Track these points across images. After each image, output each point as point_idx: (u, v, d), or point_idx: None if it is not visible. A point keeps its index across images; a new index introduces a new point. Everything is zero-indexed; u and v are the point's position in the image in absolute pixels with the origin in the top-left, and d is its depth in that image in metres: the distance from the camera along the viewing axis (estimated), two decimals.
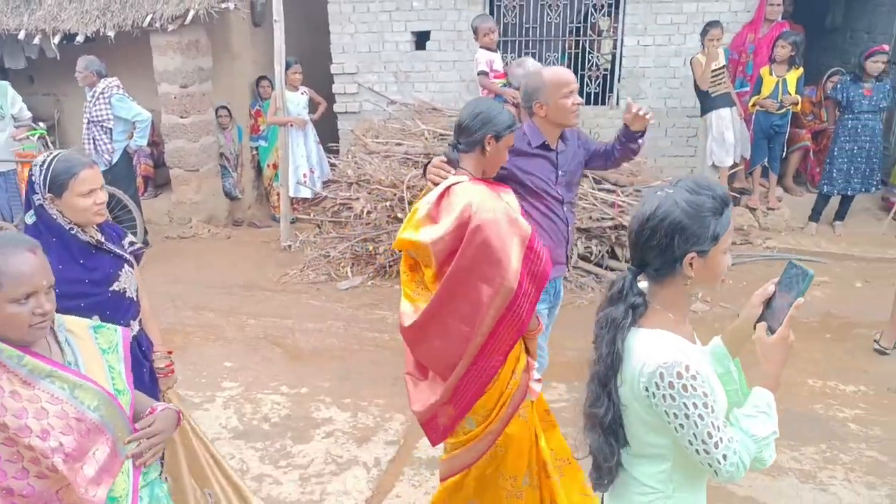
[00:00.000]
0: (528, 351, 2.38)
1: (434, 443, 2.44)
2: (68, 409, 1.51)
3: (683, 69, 6.39)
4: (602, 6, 6.68)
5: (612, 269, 5.20)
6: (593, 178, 5.33)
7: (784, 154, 6.25)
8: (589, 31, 6.82)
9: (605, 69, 6.92)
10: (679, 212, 1.43)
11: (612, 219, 5.02)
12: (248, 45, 7.18)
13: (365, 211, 5.41)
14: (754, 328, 1.52)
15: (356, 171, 5.65)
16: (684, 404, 1.39)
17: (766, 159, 6.03)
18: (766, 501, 2.91)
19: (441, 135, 6.12)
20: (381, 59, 7.03)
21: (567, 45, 7.04)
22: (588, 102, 6.97)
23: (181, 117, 6.57)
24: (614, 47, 6.76)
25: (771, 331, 1.48)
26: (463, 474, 2.37)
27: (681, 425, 1.40)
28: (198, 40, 6.45)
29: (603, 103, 6.96)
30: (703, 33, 5.62)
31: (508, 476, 2.37)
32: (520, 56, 6.96)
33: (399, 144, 6.05)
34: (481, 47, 5.45)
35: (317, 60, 7.59)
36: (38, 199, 2.09)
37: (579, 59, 6.84)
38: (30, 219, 2.13)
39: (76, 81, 5.70)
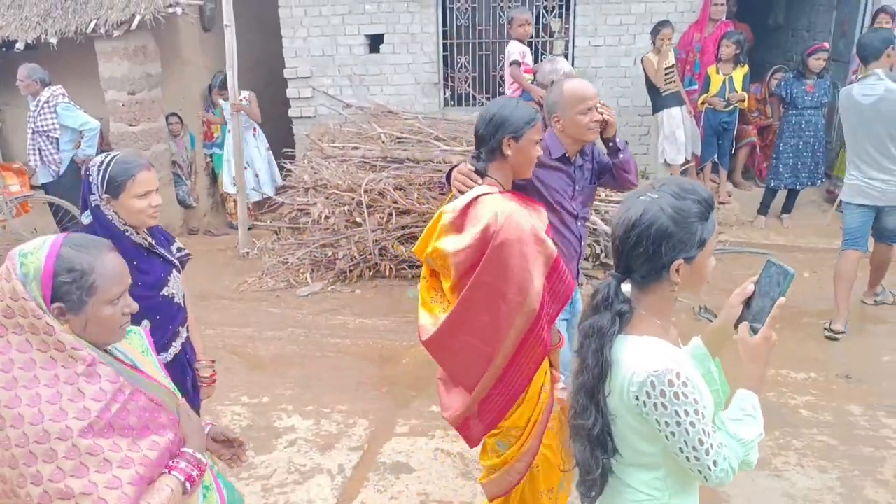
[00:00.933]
0: (551, 364, 2.34)
1: (471, 447, 2.38)
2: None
3: (634, 69, 6.52)
4: (553, 8, 6.77)
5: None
6: None
7: (733, 150, 6.43)
8: (541, 33, 6.89)
9: None
10: (665, 218, 1.40)
11: None
12: (198, 50, 7.04)
13: (323, 216, 5.37)
14: (735, 328, 1.50)
15: (313, 175, 5.60)
16: (675, 412, 1.37)
17: (715, 155, 6.19)
18: (724, 490, 2.98)
19: (398, 138, 6.12)
20: (335, 62, 6.99)
21: None
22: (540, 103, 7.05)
23: (130, 125, 6.40)
24: (566, 48, 6.85)
25: (753, 331, 1.46)
26: (503, 500, 2.34)
27: (672, 433, 1.39)
28: (145, 46, 6.30)
29: None
30: (655, 32, 5.74)
31: (545, 490, 2.35)
32: (471, 57, 7.01)
33: (356, 148, 6.02)
34: (514, 38, 5.43)
35: (270, 65, 7.49)
36: (95, 200, 2.08)
37: (531, 61, 6.90)
38: (86, 219, 2.11)
39: (18, 90, 5.51)
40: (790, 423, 3.48)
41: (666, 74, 5.80)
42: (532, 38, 6.93)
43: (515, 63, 5.33)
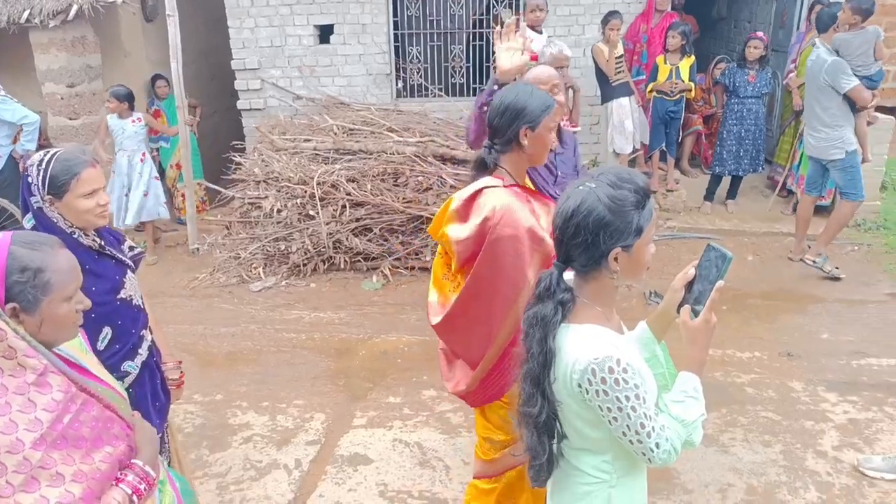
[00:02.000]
0: None
1: (473, 407, 2.43)
2: None
3: (584, 59, 6.60)
4: None
5: None
6: None
7: (679, 139, 6.59)
8: (492, 23, 6.91)
9: None
10: (602, 208, 1.41)
11: None
12: (140, 41, 6.83)
13: (275, 209, 5.29)
14: (678, 312, 1.53)
15: (263, 169, 5.51)
16: (617, 398, 1.39)
17: (663, 144, 6.33)
18: (674, 466, 3.08)
19: (350, 130, 6.06)
20: (283, 53, 6.87)
21: (471, 38, 7.11)
22: None
23: (70, 119, 6.17)
24: None
25: (695, 314, 1.49)
26: (518, 473, 2.35)
27: (614, 418, 1.41)
28: (84, 37, 6.07)
29: None
30: (604, 23, 5.82)
31: None
32: (423, 48, 6.99)
33: (307, 140, 5.94)
34: (525, 24, 5.36)
35: (216, 56, 7.33)
36: (37, 202, 1.93)
37: (484, 52, 6.94)
38: (28, 223, 1.96)
39: None
40: (736, 401, 3.60)
41: (616, 65, 5.90)
42: (483, 29, 6.97)
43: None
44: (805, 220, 5.26)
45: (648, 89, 6.12)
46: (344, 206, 5.24)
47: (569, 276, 1.53)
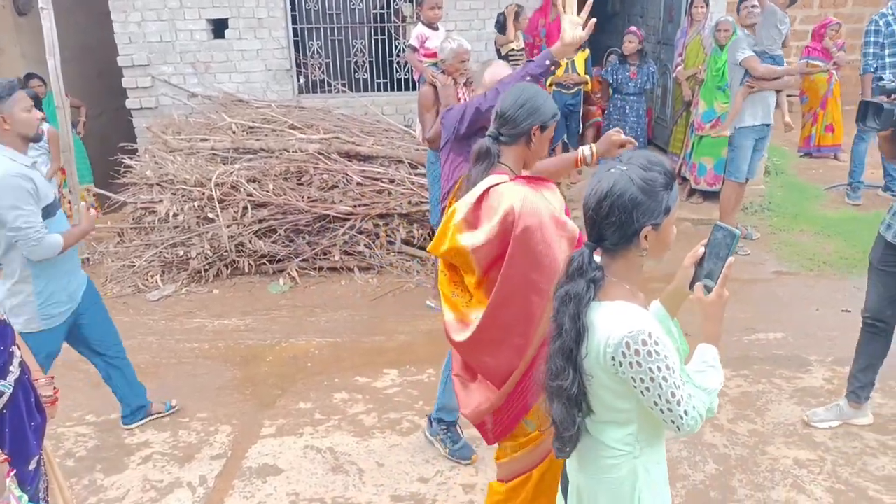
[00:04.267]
0: None
1: (489, 443, 2.31)
2: None
3: (486, 54, 6.66)
4: None
5: None
6: (409, 164, 5.39)
7: (580, 130, 6.77)
8: (393, 18, 6.85)
9: None
10: (635, 188, 1.50)
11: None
12: (12, 36, 6.32)
13: (171, 214, 5.02)
14: (690, 289, 1.62)
15: (156, 171, 5.22)
16: (649, 369, 1.46)
17: (564, 136, 6.48)
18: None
19: (250, 128, 5.85)
20: (175, 48, 6.54)
21: (373, 32, 7.02)
22: (399, 88, 7.04)
23: None
24: None
25: (707, 290, 1.57)
26: (525, 477, 2.26)
27: (647, 388, 1.48)
28: None
29: (413, 88, 7.04)
30: (500, 16, 5.89)
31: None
32: (324, 43, 6.84)
33: (204, 140, 5.68)
34: (421, 21, 5.23)
35: (102, 52, 6.88)
36: None
37: (386, 46, 6.87)
38: None
39: None
40: None
41: (515, 58, 5.97)
42: (384, 23, 6.90)
43: (410, 47, 5.22)
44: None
45: (548, 83, 6.25)
46: (245, 208, 5.04)
47: (596, 257, 1.58)
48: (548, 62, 2.62)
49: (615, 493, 1.63)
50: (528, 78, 2.62)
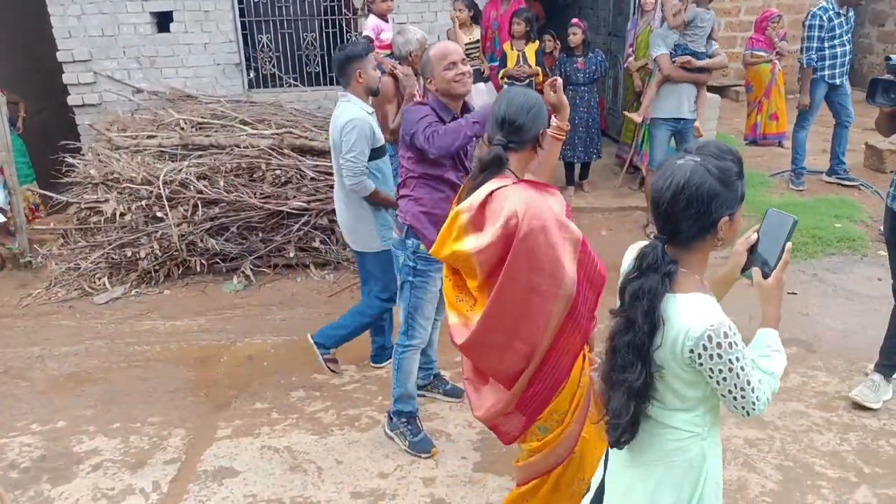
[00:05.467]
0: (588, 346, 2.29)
1: (506, 444, 2.32)
2: None
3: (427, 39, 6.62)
4: None
5: None
6: None
7: None
8: (344, 10, 6.77)
9: None
10: (713, 179, 1.49)
11: None
12: None
13: (117, 213, 4.86)
14: (741, 275, 1.65)
15: (101, 169, 5.04)
16: (729, 360, 1.49)
17: None
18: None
19: (199, 124, 5.71)
20: (118, 43, 6.33)
21: (324, 25, 6.92)
22: None
23: None
24: None
25: (765, 275, 1.59)
26: (541, 480, 2.26)
27: (724, 379, 1.51)
28: None
29: None
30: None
31: (580, 479, 2.27)
32: (273, 36, 6.72)
33: (151, 137, 5.53)
34: (373, 13, 5.14)
35: (40, 47, 6.61)
36: None
37: (338, 39, 6.77)
38: None
39: None
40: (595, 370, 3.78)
41: (469, 50, 5.97)
42: (334, 15, 6.81)
43: (367, 38, 5.15)
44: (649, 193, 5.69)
45: (500, 75, 6.27)
46: (196, 206, 4.91)
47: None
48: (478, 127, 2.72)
49: (682, 476, 1.64)
50: (470, 133, 2.73)
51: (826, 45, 5.90)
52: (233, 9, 6.43)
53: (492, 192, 2.05)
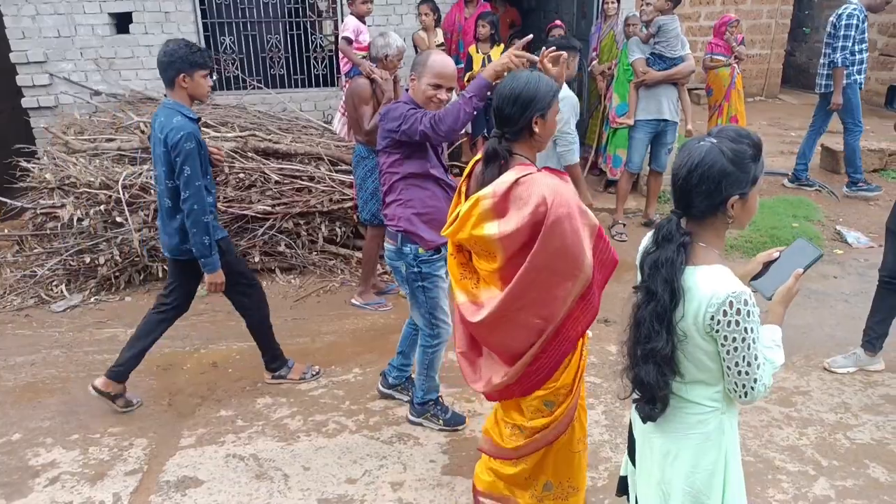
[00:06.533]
0: None
1: (490, 400, 2.46)
2: None
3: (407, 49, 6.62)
4: None
5: (359, 249, 5.25)
6: (330, 161, 5.30)
7: None
8: (308, 12, 6.71)
9: (330, 50, 6.90)
10: (725, 160, 1.58)
11: (351, 199, 5.04)
12: None
13: (75, 219, 4.73)
14: (750, 282, 1.78)
15: (57, 174, 4.90)
16: (745, 328, 1.57)
17: (485, 130, 6.54)
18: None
19: None
20: (74, 44, 6.18)
21: (287, 27, 6.86)
22: (317, 84, 6.91)
23: None
24: (335, 28, 6.75)
25: (767, 297, 1.75)
26: (545, 450, 2.36)
27: (735, 348, 1.58)
28: None
29: (332, 84, 6.94)
30: (417, 12, 5.87)
31: (578, 439, 2.41)
32: (236, 38, 6.63)
33: (110, 140, 5.40)
34: (352, 13, 5.09)
35: None
36: None
37: (303, 41, 6.72)
38: None
39: None
40: None
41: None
42: (299, 17, 6.75)
43: (346, 39, 5.14)
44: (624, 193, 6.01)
45: (465, 78, 6.29)
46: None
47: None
48: (484, 89, 2.72)
49: (701, 448, 1.73)
50: (469, 108, 2.73)
51: (856, 47, 5.90)
52: (194, 10, 6.33)
53: (517, 179, 2.10)
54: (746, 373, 1.61)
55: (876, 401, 3.52)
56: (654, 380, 1.67)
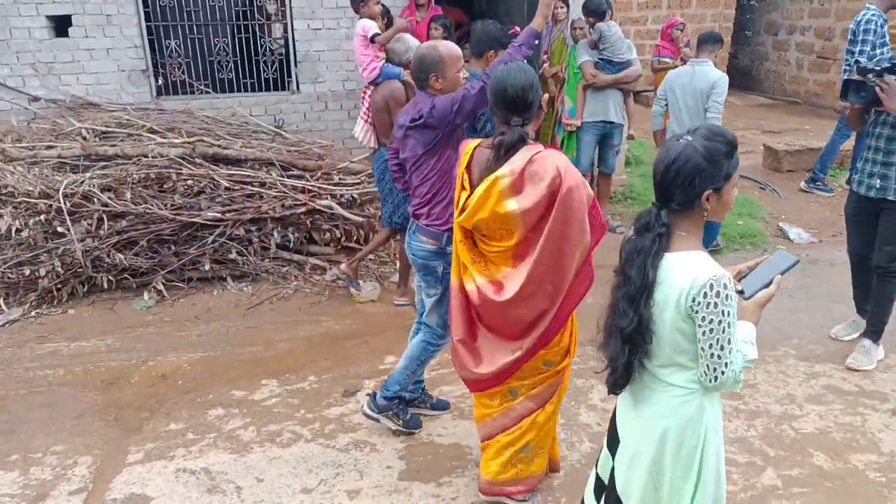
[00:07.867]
0: None
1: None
2: None
3: None
4: None
5: (312, 255, 5.19)
6: (281, 166, 5.22)
7: None
8: (257, 15, 6.61)
9: (280, 54, 6.81)
10: (698, 156, 1.68)
11: (304, 204, 4.98)
12: None
13: (13, 230, 4.54)
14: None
15: None
16: (722, 311, 1.64)
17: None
18: (469, 444, 3.19)
19: (103, 133, 5.43)
20: (10, 48, 5.95)
21: (236, 30, 6.75)
22: (267, 88, 6.81)
23: None
24: (285, 31, 6.67)
25: (741, 293, 1.81)
26: (536, 413, 2.58)
27: (711, 329, 1.66)
28: None
29: (283, 88, 6.85)
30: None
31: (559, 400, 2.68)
32: (182, 41, 6.49)
33: (50, 147, 5.22)
34: (364, 16, 4.92)
35: None
36: None
37: (251, 44, 6.61)
38: None
39: None
40: None
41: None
42: (247, 20, 6.64)
43: (377, 35, 4.86)
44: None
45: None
46: (101, 219, 4.66)
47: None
48: (532, 38, 2.92)
49: (684, 427, 1.81)
50: (520, 56, 2.86)
51: (877, 51, 5.80)
52: (137, 13, 6.17)
53: (531, 157, 2.28)
54: (719, 356, 1.69)
55: (819, 391, 3.64)
56: (615, 353, 1.81)
